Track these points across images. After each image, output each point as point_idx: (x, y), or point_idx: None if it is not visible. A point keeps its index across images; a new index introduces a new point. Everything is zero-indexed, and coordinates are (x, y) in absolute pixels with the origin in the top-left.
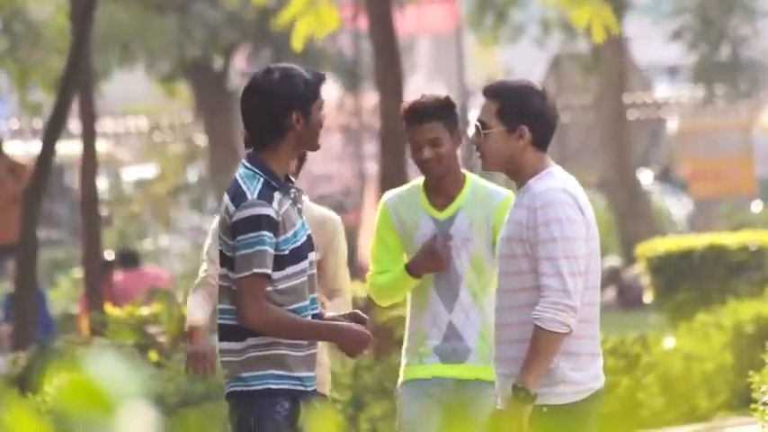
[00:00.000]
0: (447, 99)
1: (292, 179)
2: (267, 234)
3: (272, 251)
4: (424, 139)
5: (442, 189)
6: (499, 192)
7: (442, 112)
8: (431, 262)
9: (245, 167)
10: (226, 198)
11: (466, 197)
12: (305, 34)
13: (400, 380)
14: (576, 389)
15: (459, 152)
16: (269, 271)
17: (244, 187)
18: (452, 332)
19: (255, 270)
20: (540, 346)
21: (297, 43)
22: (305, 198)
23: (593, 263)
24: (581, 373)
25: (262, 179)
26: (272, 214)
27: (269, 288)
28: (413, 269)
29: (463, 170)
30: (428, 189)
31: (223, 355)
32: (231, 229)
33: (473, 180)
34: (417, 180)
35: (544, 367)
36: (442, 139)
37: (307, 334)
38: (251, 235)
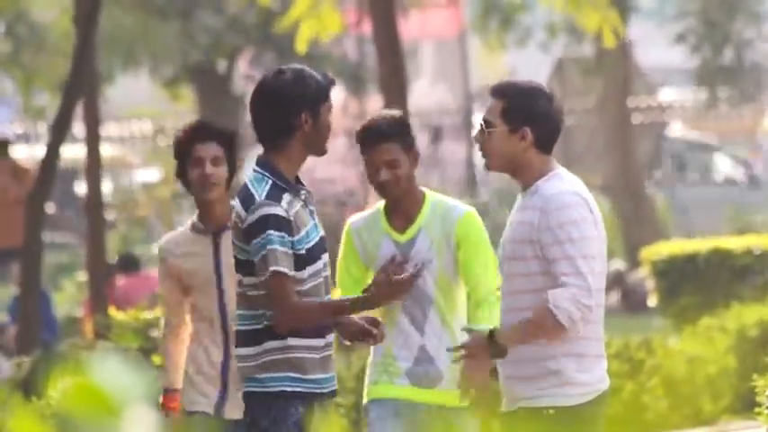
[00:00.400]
0: (402, 118)
1: (303, 182)
2: (276, 234)
3: (284, 249)
4: (380, 161)
5: (401, 211)
6: (458, 207)
7: (397, 132)
8: (390, 292)
9: (255, 171)
10: (236, 204)
11: (425, 217)
12: (308, 37)
13: (368, 396)
14: (583, 390)
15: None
16: (285, 269)
17: (252, 190)
18: (424, 356)
19: (272, 268)
20: (539, 327)
21: (301, 46)
22: None
23: (601, 265)
24: (587, 375)
25: (270, 181)
26: (281, 213)
27: (297, 288)
28: (371, 305)
29: (422, 188)
30: (388, 212)
31: (240, 361)
32: (244, 234)
33: (432, 198)
34: (380, 203)
35: (527, 342)
36: (399, 161)
37: (336, 311)
38: (261, 237)
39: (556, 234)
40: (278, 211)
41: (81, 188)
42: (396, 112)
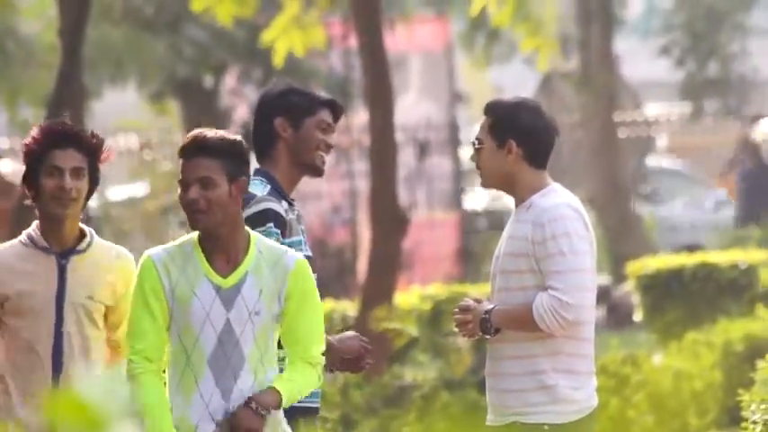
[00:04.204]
0: (237, 142)
1: (295, 204)
2: (275, 229)
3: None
4: (192, 177)
5: (223, 249)
6: (291, 256)
7: (225, 151)
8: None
9: (252, 179)
10: None
11: (253, 260)
12: (286, 52)
13: None
14: (577, 407)
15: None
16: None
17: (252, 191)
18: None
19: None
20: (522, 323)
21: (278, 60)
22: (100, 240)
23: (592, 280)
24: (580, 392)
25: (269, 186)
26: (281, 211)
27: None
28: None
29: (246, 228)
30: (206, 249)
31: None
32: None
33: (258, 239)
34: (187, 237)
35: (512, 329)
36: (215, 181)
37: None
38: (261, 229)
39: (549, 246)
40: (278, 208)
41: None
42: (235, 136)
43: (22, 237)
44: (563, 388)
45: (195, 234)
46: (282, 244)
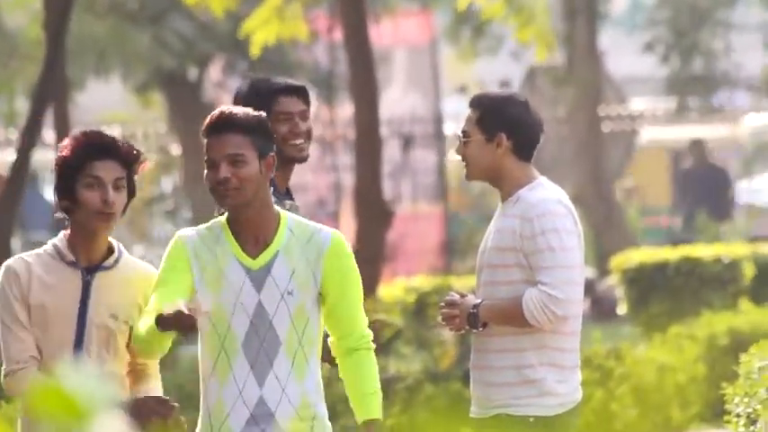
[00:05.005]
0: (263, 119)
1: (293, 197)
2: None
3: None
4: (221, 155)
5: (252, 229)
6: (326, 232)
7: (252, 127)
8: (179, 321)
9: None
10: None
11: (283, 239)
12: (261, 43)
13: None
14: (562, 401)
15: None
16: None
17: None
18: (262, 410)
19: None
20: (511, 317)
21: (254, 51)
22: (129, 257)
23: (580, 275)
24: (565, 385)
25: None
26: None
27: None
28: (161, 322)
29: (276, 208)
30: (235, 230)
31: None
32: None
33: (289, 218)
34: (215, 220)
35: (499, 324)
36: (246, 158)
37: None
38: None
39: (539, 242)
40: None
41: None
42: (260, 113)
43: (48, 247)
44: (549, 381)
45: (224, 216)
46: None
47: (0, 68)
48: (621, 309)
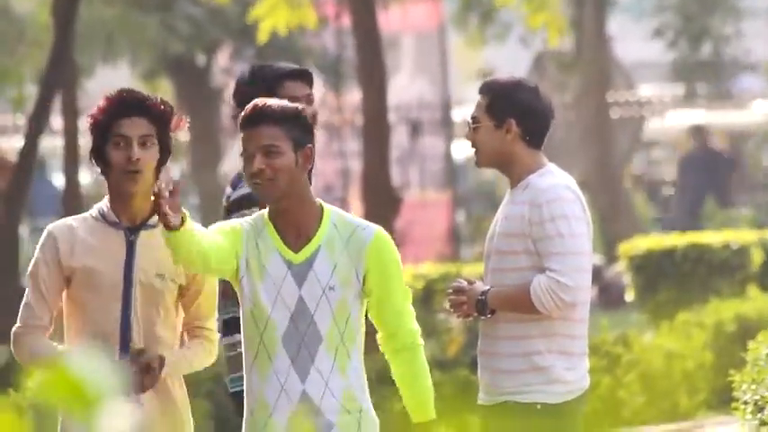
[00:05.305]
0: (297, 110)
1: None
2: (259, 212)
3: None
4: (255, 147)
5: (293, 223)
6: (369, 228)
7: (287, 118)
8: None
9: None
10: (227, 189)
11: (326, 233)
12: (269, 30)
13: None
14: (570, 388)
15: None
16: None
17: (242, 171)
18: (306, 405)
19: None
20: (519, 304)
21: (262, 37)
22: None
23: (589, 262)
24: (573, 372)
25: None
26: None
27: None
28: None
29: (319, 200)
30: (277, 224)
31: (228, 350)
32: (227, 210)
33: (333, 212)
34: (259, 213)
35: (508, 310)
36: (280, 148)
37: None
38: (244, 212)
39: (548, 228)
40: None
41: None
42: (297, 104)
43: (93, 211)
44: (557, 369)
45: (266, 210)
46: None
47: (8, 54)
48: (629, 296)
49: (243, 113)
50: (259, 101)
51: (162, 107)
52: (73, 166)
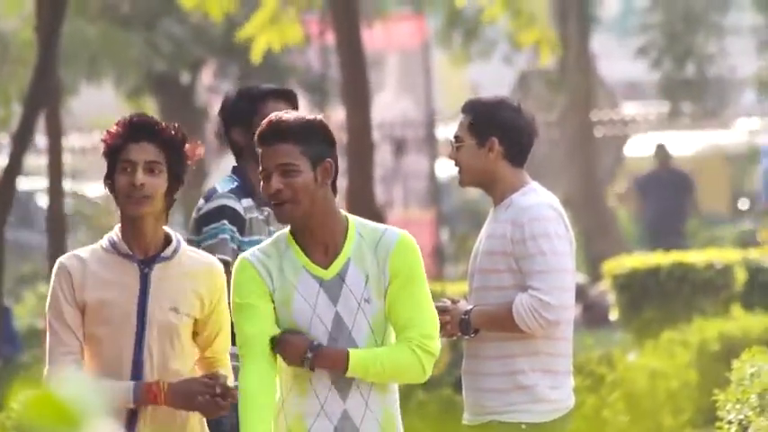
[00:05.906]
0: (315, 122)
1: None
2: (229, 226)
3: (233, 245)
4: (272, 166)
5: (319, 239)
6: (392, 232)
7: (303, 133)
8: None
9: (224, 176)
10: (200, 201)
11: (353, 245)
12: (264, 48)
13: None
14: (555, 407)
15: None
16: (231, 260)
17: (216, 186)
18: (347, 424)
19: (219, 256)
20: (502, 323)
21: (256, 57)
22: (188, 248)
23: (572, 281)
24: (558, 391)
25: (237, 183)
26: (239, 209)
27: None
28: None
29: (343, 212)
30: (301, 242)
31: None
32: (197, 222)
33: (358, 223)
34: (279, 233)
35: (491, 330)
36: (298, 167)
37: None
38: (215, 225)
39: (529, 246)
40: (236, 206)
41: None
42: (315, 115)
43: (104, 242)
44: (541, 388)
45: (287, 228)
46: (240, 241)
47: None
48: (613, 315)
49: (259, 129)
50: (274, 116)
51: (172, 133)
52: (57, 185)
